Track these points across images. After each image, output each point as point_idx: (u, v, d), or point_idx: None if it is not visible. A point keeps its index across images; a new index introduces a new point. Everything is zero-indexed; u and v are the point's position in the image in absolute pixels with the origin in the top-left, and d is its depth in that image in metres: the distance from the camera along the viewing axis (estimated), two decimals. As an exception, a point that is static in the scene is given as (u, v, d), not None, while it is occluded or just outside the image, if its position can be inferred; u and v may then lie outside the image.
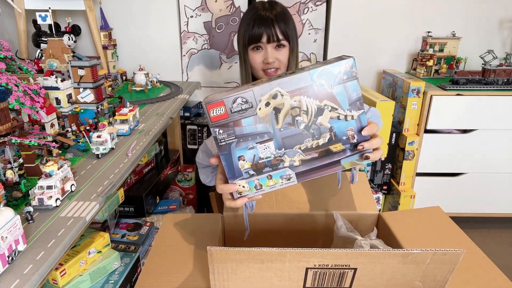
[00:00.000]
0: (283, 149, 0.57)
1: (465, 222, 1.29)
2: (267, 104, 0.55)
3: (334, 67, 0.55)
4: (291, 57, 1.07)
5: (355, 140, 0.58)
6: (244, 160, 0.58)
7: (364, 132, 0.59)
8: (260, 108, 0.56)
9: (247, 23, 1.04)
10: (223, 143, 0.57)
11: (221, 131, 0.56)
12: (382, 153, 0.64)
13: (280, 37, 1.02)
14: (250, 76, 1.11)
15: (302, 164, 0.58)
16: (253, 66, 1.08)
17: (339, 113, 0.56)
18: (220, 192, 0.63)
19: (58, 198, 0.72)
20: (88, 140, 0.95)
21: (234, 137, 0.57)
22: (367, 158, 0.60)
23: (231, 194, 0.62)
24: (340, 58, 0.56)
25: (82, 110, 1.09)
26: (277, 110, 0.56)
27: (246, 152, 0.58)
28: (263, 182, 0.59)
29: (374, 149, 0.61)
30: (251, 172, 0.59)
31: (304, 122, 0.56)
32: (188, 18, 1.90)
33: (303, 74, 0.55)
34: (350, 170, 0.71)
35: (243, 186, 0.60)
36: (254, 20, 1.02)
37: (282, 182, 0.59)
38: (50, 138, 0.91)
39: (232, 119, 0.56)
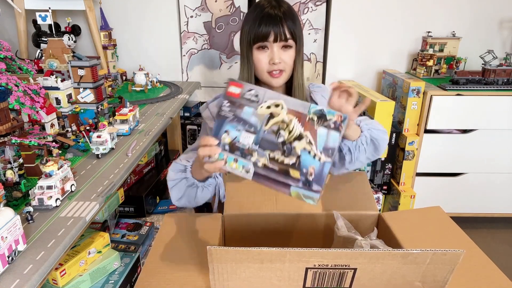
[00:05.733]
0: (258, 146, 0.66)
1: (465, 222, 1.28)
2: (269, 107, 0.65)
3: (329, 113, 0.63)
4: (297, 59, 1.02)
5: (311, 178, 0.64)
6: (227, 134, 0.67)
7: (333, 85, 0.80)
8: (261, 107, 0.65)
9: (253, 20, 0.98)
10: (223, 114, 0.67)
11: (227, 104, 0.67)
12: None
13: (288, 36, 0.97)
14: (252, 79, 1.04)
15: (262, 168, 0.66)
16: (258, 67, 1.01)
17: (311, 149, 0.64)
18: (202, 143, 0.69)
19: (58, 198, 0.72)
20: (88, 140, 0.95)
21: (232, 114, 0.67)
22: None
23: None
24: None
25: (82, 110, 1.09)
26: (271, 116, 0.65)
27: (233, 130, 0.67)
28: (229, 160, 0.67)
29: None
30: (226, 147, 0.68)
31: (284, 137, 0.65)
32: (188, 18, 1.90)
33: (305, 104, 0.64)
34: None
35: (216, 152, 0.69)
36: (261, 18, 0.96)
37: (241, 171, 0.67)
38: (50, 138, 0.91)
39: (240, 102, 0.66)
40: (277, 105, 0.65)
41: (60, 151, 0.90)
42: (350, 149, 0.90)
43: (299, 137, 0.64)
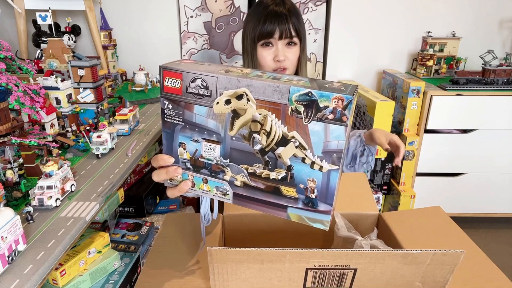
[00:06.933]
0: (228, 160, 0.49)
1: (465, 222, 1.29)
2: (228, 101, 0.46)
3: (322, 97, 0.41)
4: (301, 57, 1.03)
5: (313, 195, 0.47)
6: (184, 149, 0.51)
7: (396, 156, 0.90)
8: (218, 103, 0.46)
9: (257, 18, 0.98)
10: (169, 120, 0.50)
11: (170, 106, 0.49)
12: (403, 148, 0.91)
13: (293, 33, 0.97)
14: None
15: (243, 187, 0.50)
16: (262, 64, 1.02)
17: (306, 155, 0.45)
18: (155, 165, 0.56)
19: (58, 198, 0.72)
20: (88, 140, 0.95)
21: (181, 120, 0.49)
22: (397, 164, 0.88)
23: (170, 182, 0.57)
24: (339, 89, 0.42)
25: (82, 110, 1.09)
26: (235, 114, 0.46)
27: (189, 142, 0.51)
28: (197, 182, 0.53)
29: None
30: (188, 165, 0.52)
31: (261, 144, 0.47)
32: (188, 18, 1.90)
33: (282, 87, 0.43)
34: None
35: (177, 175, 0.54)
36: (266, 15, 0.97)
37: (216, 193, 0.53)
38: (50, 138, 0.91)
39: (185, 100, 0.48)
40: (239, 97, 0.45)
41: (60, 151, 0.90)
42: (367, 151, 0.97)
43: (284, 141, 0.46)
